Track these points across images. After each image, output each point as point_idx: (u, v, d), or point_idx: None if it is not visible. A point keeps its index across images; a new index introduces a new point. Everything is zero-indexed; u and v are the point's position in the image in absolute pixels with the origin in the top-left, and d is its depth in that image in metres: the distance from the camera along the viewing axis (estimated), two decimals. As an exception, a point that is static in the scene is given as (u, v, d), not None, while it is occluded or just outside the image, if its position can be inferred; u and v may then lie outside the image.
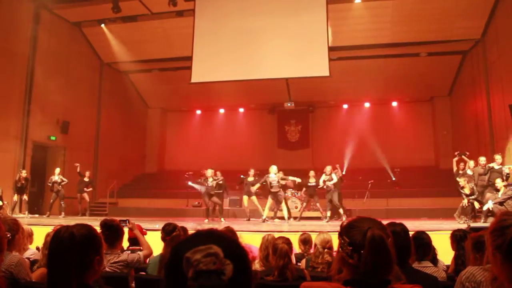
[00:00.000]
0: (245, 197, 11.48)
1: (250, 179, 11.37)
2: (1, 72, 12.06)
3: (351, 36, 13.41)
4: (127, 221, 4.13)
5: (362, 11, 12.83)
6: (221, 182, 11.46)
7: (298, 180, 11.41)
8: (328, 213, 10.84)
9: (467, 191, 9.33)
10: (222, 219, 11.01)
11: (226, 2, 12.74)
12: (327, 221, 10.44)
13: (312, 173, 11.42)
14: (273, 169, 10.55)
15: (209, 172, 11.20)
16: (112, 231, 3.30)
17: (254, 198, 11.18)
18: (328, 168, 10.84)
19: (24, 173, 11.76)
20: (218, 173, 11.81)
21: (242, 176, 11.79)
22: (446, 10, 12.46)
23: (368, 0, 12.67)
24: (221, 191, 11.52)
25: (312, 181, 11.22)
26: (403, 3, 12.62)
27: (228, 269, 0.84)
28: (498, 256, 1.30)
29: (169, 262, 0.88)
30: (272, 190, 10.41)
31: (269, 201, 10.58)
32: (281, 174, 10.87)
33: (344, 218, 10.41)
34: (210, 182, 10.95)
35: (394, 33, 13.51)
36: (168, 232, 3.63)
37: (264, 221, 10.34)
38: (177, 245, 0.90)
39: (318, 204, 11.53)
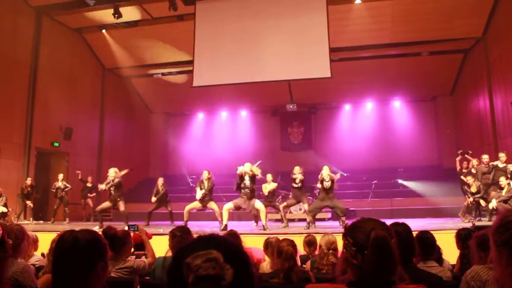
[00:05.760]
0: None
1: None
2: (4, 79, 12.11)
3: (352, 37, 13.40)
4: (135, 227, 4.15)
5: (363, 11, 12.82)
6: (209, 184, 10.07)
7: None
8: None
9: (473, 189, 9.30)
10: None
11: (227, 6, 12.75)
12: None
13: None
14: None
15: (205, 175, 10.10)
16: (114, 240, 3.31)
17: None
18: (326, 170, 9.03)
19: (29, 181, 11.83)
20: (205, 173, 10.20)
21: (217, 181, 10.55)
22: (446, 9, 12.43)
23: (368, 0, 12.66)
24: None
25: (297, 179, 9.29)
26: (403, 2, 12.59)
27: (228, 274, 0.84)
28: (504, 254, 1.22)
29: (170, 268, 0.89)
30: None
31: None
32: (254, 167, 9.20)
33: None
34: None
35: (395, 33, 13.49)
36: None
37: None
38: (179, 250, 0.91)
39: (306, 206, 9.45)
